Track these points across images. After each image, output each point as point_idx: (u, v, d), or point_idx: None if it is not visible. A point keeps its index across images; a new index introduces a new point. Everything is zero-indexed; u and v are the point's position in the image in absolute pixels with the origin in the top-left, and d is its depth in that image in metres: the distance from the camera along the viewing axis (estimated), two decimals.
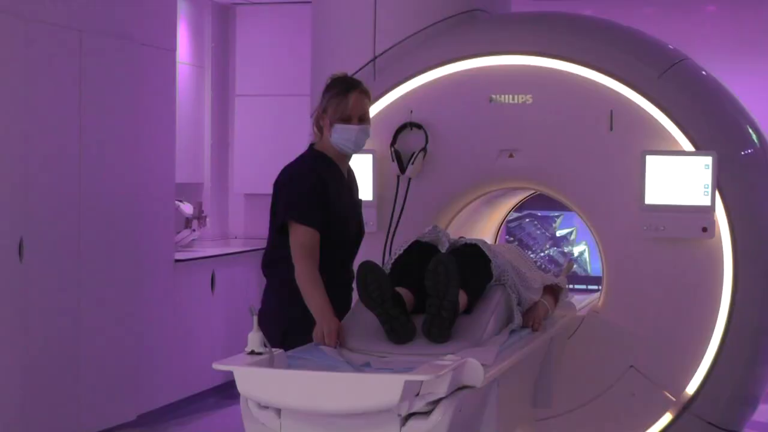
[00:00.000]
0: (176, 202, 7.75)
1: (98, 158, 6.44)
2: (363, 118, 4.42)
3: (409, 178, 5.47)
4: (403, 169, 5.44)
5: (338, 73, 4.49)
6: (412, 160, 5.42)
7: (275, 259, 4.47)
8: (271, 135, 8.75)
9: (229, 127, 9.03)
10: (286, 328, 4.28)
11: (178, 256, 7.58)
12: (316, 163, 4.43)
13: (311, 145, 4.51)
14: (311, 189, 4.34)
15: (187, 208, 8.18)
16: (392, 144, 5.47)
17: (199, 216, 8.31)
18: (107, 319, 6.58)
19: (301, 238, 4.29)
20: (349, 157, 4.51)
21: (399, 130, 5.49)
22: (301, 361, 3.77)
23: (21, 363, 5.90)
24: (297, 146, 6.35)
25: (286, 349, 3.87)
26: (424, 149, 5.43)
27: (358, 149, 4.47)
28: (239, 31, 9.01)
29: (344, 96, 4.38)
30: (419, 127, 5.46)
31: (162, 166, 7.20)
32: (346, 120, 4.37)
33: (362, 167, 5.34)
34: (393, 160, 5.44)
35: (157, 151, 7.12)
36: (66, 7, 6.22)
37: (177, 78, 7.55)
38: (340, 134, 4.38)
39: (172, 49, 7.32)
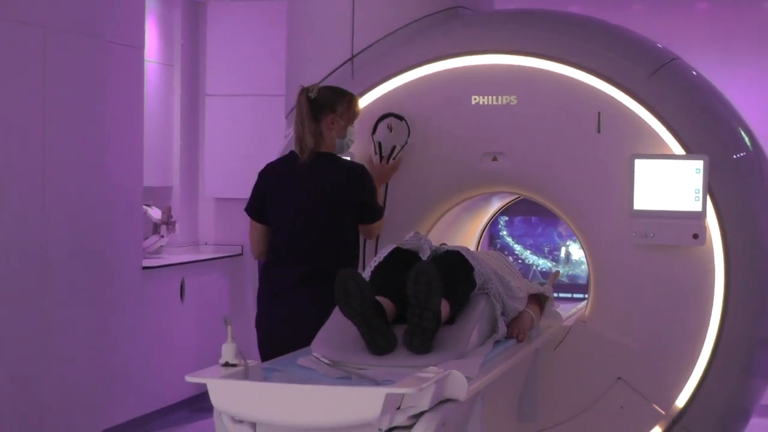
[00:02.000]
0: (144, 206, 7.63)
1: (62, 160, 6.30)
2: None
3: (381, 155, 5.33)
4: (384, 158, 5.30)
5: (321, 85, 5.00)
6: (394, 155, 5.27)
7: (353, 257, 4.92)
8: (244, 137, 8.66)
9: (199, 128, 8.93)
10: None
11: (146, 263, 7.45)
12: None
13: (319, 152, 4.85)
14: None
15: (156, 213, 8.07)
16: (373, 133, 5.32)
17: (168, 221, 8.20)
18: (72, 329, 6.43)
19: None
20: None
21: (379, 120, 5.33)
22: (277, 373, 3.74)
23: None
24: (270, 148, 6.24)
25: None
26: (406, 143, 5.29)
27: None
28: (210, 28, 8.92)
29: (357, 102, 4.98)
30: (400, 118, 5.30)
31: (129, 169, 7.06)
32: (352, 124, 4.97)
33: None
34: (375, 153, 5.28)
35: (124, 154, 6.99)
36: (28, 3, 6.05)
37: (145, 77, 7.43)
38: (350, 136, 4.93)
39: (140, 47, 7.19)
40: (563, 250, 6.81)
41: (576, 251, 6.87)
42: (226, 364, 3.52)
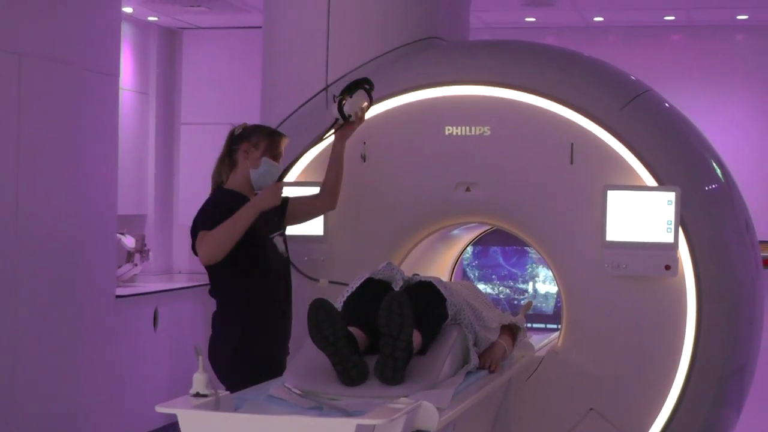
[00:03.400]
0: (118, 234, 7.60)
1: (36, 188, 6.26)
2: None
3: (348, 117, 5.08)
4: (341, 112, 5.05)
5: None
6: (350, 94, 5.05)
7: (217, 282, 4.84)
8: None
9: (174, 156, 8.94)
10: (237, 346, 4.66)
11: (120, 291, 7.42)
12: (230, 199, 4.81)
13: (219, 187, 4.94)
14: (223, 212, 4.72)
15: (130, 241, 8.05)
16: (340, 97, 5.09)
17: (142, 249, 8.19)
18: (44, 358, 6.38)
19: (202, 237, 4.69)
20: (254, 193, 4.89)
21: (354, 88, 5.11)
22: (249, 403, 3.71)
23: None
24: None
25: (239, 366, 4.51)
26: (369, 95, 5.11)
27: None
28: (185, 56, 8.94)
29: (278, 137, 4.92)
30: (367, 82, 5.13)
31: (103, 197, 7.03)
32: (275, 158, 4.88)
33: None
34: (333, 101, 5.07)
35: (99, 181, 6.95)
36: (3, 29, 6.01)
37: (120, 105, 7.40)
38: (266, 169, 4.85)
39: (116, 75, 7.17)
40: (530, 285, 6.81)
41: (542, 286, 6.88)
42: (197, 395, 3.50)
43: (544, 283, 7.51)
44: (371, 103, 5.14)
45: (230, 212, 4.67)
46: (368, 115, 5.30)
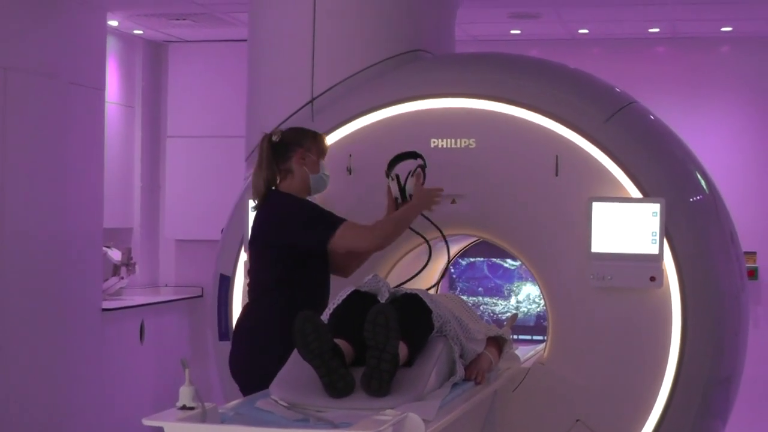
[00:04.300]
0: (104, 248, 7.60)
1: (22, 201, 6.26)
2: None
3: (408, 197, 5.00)
4: (403, 192, 5.00)
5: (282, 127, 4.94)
6: (411, 174, 4.98)
7: (279, 281, 4.71)
8: (204, 178, 8.67)
9: (159, 169, 8.94)
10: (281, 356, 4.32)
11: (106, 304, 7.42)
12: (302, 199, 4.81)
13: (275, 190, 4.78)
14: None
15: (116, 255, 8.04)
16: (389, 171, 5.05)
17: (128, 263, 8.18)
18: (30, 372, 6.37)
19: (355, 226, 4.71)
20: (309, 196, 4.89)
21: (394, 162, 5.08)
22: (235, 416, 3.69)
23: None
24: (231, 190, 6.23)
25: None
26: (423, 169, 5.02)
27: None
28: (171, 69, 8.94)
29: (321, 136, 4.92)
30: (417, 156, 5.07)
31: (89, 210, 7.04)
32: (324, 157, 4.90)
33: None
34: (401, 185, 5.00)
35: (85, 195, 6.96)
36: None
37: (106, 118, 7.42)
38: (324, 170, 4.87)
39: (101, 88, 7.19)
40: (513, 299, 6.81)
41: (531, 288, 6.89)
42: (184, 407, 3.48)
43: (533, 285, 7.49)
44: (424, 181, 5.06)
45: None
46: (353, 127, 5.32)
